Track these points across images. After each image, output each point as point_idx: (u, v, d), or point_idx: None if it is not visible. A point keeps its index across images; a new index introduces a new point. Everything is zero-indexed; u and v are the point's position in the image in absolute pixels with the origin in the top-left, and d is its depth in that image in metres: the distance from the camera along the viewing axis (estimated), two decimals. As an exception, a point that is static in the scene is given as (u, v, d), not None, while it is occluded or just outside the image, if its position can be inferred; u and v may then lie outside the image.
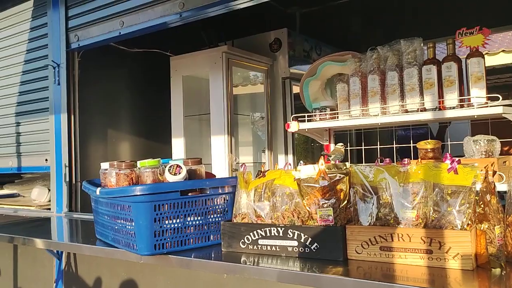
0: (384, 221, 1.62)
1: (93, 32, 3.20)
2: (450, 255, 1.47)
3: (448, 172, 1.52)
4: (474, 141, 2.09)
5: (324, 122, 2.49)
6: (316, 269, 1.57)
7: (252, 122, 4.53)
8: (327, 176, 1.69)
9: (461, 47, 2.11)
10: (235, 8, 2.50)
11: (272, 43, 4.29)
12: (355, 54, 2.42)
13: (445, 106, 2.07)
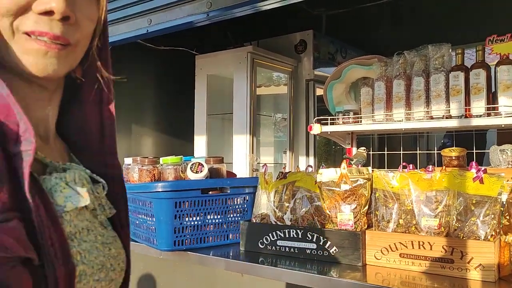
0: (405, 228, 1.61)
1: (121, 29, 3.25)
2: (472, 265, 1.44)
3: (474, 181, 1.50)
4: (501, 151, 2.05)
5: (347, 126, 2.47)
6: (334, 273, 1.56)
7: (274, 123, 4.53)
8: (349, 180, 1.69)
9: (491, 54, 2.07)
10: (262, 9, 2.51)
11: (297, 45, 4.28)
12: (381, 58, 2.40)
13: (472, 114, 2.04)
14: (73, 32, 0.64)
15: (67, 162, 0.71)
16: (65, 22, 0.62)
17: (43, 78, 0.64)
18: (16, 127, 0.57)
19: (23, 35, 0.61)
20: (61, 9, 0.60)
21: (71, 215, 0.64)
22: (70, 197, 0.64)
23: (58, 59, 0.63)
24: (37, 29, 0.60)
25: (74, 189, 0.65)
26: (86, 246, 0.65)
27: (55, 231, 0.57)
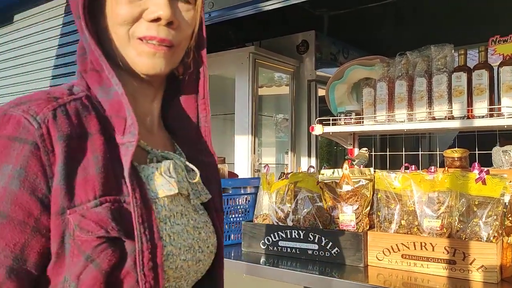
0: (407, 229, 1.60)
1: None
2: (474, 267, 1.44)
3: (476, 182, 1.49)
4: (504, 152, 2.04)
5: (349, 127, 2.47)
6: (336, 273, 1.56)
7: (276, 123, 4.52)
8: (351, 181, 1.68)
9: (494, 54, 2.06)
10: (264, 10, 2.51)
11: (299, 45, 4.28)
12: (383, 58, 2.40)
13: (474, 115, 2.03)
14: (176, 35, 0.74)
15: (169, 151, 0.79)
16: (170, 27, 0.73)
17: (152, 76, 0.75)
18: (123, 122, 0.69)
19: (137, 40, 0.72)
20: (166, 16, 0.71)
21: (165, 201, 0.73)
22: (162, 185, 0.72)
23: (165, 59, 0.73)
24: (147, 34, 0.71)
25: (166, 178, 0.73)
26: (178, 229, 0.74)
27: (146, 212, 0.66)
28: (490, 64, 2.04)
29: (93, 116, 0.69)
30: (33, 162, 0.62)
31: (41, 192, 0.62)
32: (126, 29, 0.71)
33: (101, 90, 0.72)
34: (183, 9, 0.75)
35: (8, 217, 0.61)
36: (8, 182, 0.61)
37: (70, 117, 0.66)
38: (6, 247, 0.60)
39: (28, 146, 0.62)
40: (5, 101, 3.29)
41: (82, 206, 0.63)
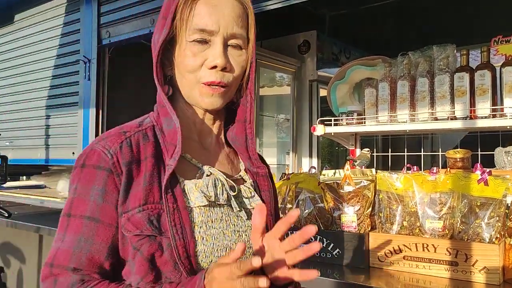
0: (409, 230, 1.59)
1: (124, 29, 3.25)
2: (477, 268, 1.43)
3: (478, 183, 1.48)
4: (506, 152, 2.03)
5: (350, 127, 2.46)
6: (337, 275, 1.55)
7: (277, 123, 4.52)
8: (353, 182, 1.67)
9: (496, 55, 2.05)
10: (266, 9, 2.50)
11: (300, 45, 4.27)
12: (385, 58, 2.38)
13: (477, 115, 2.02)
14: (229, 77, 0.94)
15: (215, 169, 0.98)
16: (224, 71, 0.93)
17: (210, 110, 0.98)
18: (173, 148, 0.91)
19: (200, 84, 0.93)
20: (221, 64, 0.91)
21: (201, 209, 0.91)
22: (197, 198, 0.91)
23: (220, 97, 0.94)
24: (208, 80, 0.92)
25: (201, 192, 0.92)
26: (213, 232, 0.92)
27: (179, 217, 0.88)
28: (492, 64, 2.03)
29: (151, 143, 0.93)
30: (109, 183, 0.88)
31: (116, 203, 0.89)
32: (194, 75, 0.93)
33: (166, 121, 0.95)
34: (236, 54, 0.95)
35: (101, 221, 0.88)
36: (97, 198, 0.88)
37: (131, 147, 0.91)
38: (102, 242, 0.88)
39: (106, 172, 0.89)
40: (5, 101, 3.29)
41: (131, 211, 0.88)
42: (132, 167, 0.90)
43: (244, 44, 0.97)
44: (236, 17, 0.95)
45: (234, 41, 0.95)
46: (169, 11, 0.93)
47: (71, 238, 0.88)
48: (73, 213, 0.89)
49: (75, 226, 0.88)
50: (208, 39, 0.92)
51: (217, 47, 0.92)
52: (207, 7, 0.91)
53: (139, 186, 0.89)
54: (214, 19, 0.91)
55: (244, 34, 0.97)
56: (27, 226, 2.74)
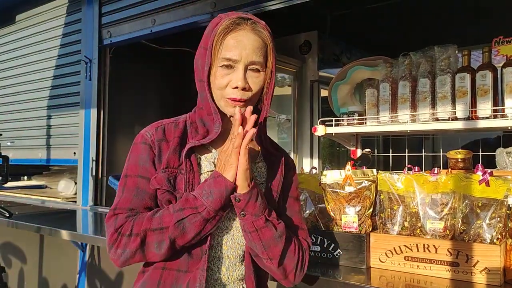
0: (410, 230, 1.59)
1: (125, 29, 3.25)
2: (478, 269, 1.43)
3: (479, 184, 1.48)
4: (507, 153, 2.03)
5: (351, 127, 2.46)
6: (338, 275, 1.55)
7: (278, 124, 4.52)
8: (354, 182, 1.67)
9: (497, 55, 2.05)
10: (267, 9, 2.50)
11: (301, 45, 4.27)
12: (386, 59, 2.38)
13: (478, 116, 2.02)
14: (248, 94, 1.21)
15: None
16: (244, 90, 1.20)
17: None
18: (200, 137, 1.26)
19: (224, 98, 1.22)
20: (242, 86, 1.19)
21: (208, 174, 1.23)
22: (207, 166, 1.25)
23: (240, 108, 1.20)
24: (231, 96, 1.20)
25: (210, 161, 1.26)
26: None
27: (193, 178, 1.22)
28: (493, 65, 2.03)
29: (179, 129, 1.28)
30: (150, 153, 1.25)
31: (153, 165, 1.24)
32: (221, 92, 1.22)
33: (200, 121, 1.28)
34: (254, 76, 1.21)
35: (147, 178, 1.23)
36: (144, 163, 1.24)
37: (164, 131, 1.28)
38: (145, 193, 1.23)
39: (147, 146, 1.25)
40: (6, 101, 3.29)
41: (158, 172, 1.22)
42: (162, 143, 1.25)
43: (262, 68, 1.23)
44: (256, 49, 1.21)
45: (253, 66, 1.21)
46: (207, 43, 1.22)
47: (130, 190, 1.24)
48: (129, 173, 1.25)
49: (131, 182, 1.24)
50: (233, 65, 1.20)
51: (239, 73, 1.20)
52: (233, 41, 1.20)
53: (166, 155, 1.23)
54: (238, 51, 1.19)
55: (262, 61, 1.22)
56: (28, 226, 2.74)
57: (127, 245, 1.16)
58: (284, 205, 1.33)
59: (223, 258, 1.25)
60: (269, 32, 1.25)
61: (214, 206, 1.15)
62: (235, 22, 1.21)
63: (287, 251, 1.23)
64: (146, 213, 1.20)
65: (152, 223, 1.17)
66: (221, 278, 1.24)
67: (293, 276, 1.27)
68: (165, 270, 1.21)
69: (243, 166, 1.17)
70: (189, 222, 1.15)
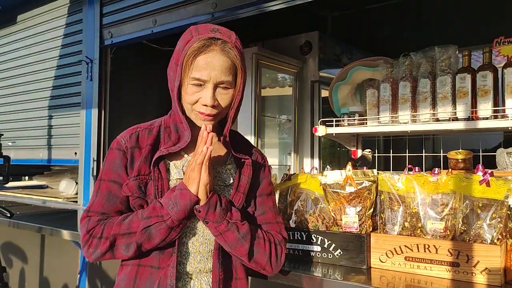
0: (411, 231, 1.59)
1: (126, 30, 3.25)
2: (478, 269, 1.43)
3: (480, 184, 1.48)
4: (508, 153, 2.03)
5: (352, 128, 2.46)
6: (339, 275, 1.55)
7: (279, 124, 4.52)
8: (354, 183, 1.67)
9: (498, 56, 2.05)
10: (267, 10, 2.50)
11: (302, 46, 4.27)
12: (387, 59, 2.39)
13: (478, 116, 2.02)
14: (216, 110, 1.30)
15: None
16: (213, 107, 1.28)
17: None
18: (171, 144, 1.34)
19: (195, 111, 1.30)
20: (210, 104, 1.27)
21: (178, 181, 1.31)
22: (176, 173, 1.34)
23: (210, 122, 1.30)
24: (200, 111, 1.29)
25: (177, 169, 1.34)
26: None
27: (162, 185, 1.30)
28: (494, 65, 2.03)
29: (152, 136, 1.36)
30: (122, 159, 1.33)
31: (125, 171, 1.33)
32: (191, 106, 1.30)
33: (175, 127, 1.37)
34: (223, 93, 1.30)
35: (115, 181, 1.33)
36: (117, 168, 1.33)
37: (138, 137, 1.36)
38: (117, 197, 1.32)
39: (121, 152, 1.34)
40: (7, 101, 3.29)
41: (129, 179, 1.31)
42: (134, 150, 1.34)
43: (231, 86, 1.31)
44: (224, 70, 1.28)
45: (222, 85, 1.29)
46: (179, 59, 1.29)
47: (102, 194, 1.33)
48: (103, 177, 1.34)
49: (104, 186, 1.33)
50: (202, 84, 1.28)
51: (209, 91, 1.28)
52: (203, 62, 1.26)
53: (137, 163, 1.32)
54: (207, 72, 1.26)
55: (231, 80, 1.30)
56: (29, 226, 2.75)
57: (97, 246, 1.27)
58: (257, 203, 1.43)
59: (195, 253, 1.34)
60: (238, 50, 1.32)
61: (178, 216, 1.25)
62: (205, 44, 1.27)
63: (256, 247, 1.33)
64: (117, 218, 1.30)
65: (121, 228, 1.27)
66: (192, 271, 1.34)
67: (270, 268, 1.37)
68: (140, 267, 1.32)
69: (204, 180, 1.25)
70: (155, 229, 1.25)
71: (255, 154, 1.48)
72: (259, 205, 1.44)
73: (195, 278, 1.34)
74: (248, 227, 1.32)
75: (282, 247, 1.40)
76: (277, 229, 1.43)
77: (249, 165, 1.39)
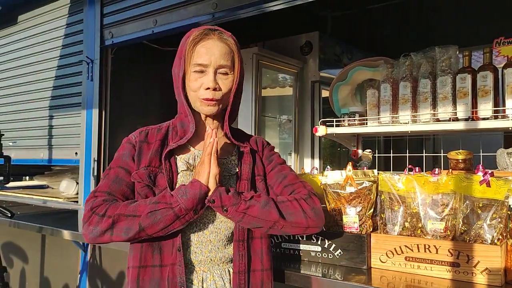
0: (411, 231, 1.60)
1: (127, 30, 3.26)
2: (478, 269, 1.43)
3: (480, 185, 1.48)
4: (508, 154, 2.03)
5: (352, 128, 2.46)
6: (339, 275, 1.55)
7: (279, 124, 4.52)
8: (354, 183, 1.68)
9: (498, 56, 2.05)
10: (268, 10, 2.50)
11: (303, 46, 4.27)
12: (387, 59, 2.38)
13: (479, 117, 2.02)
14: (219, 94, 1.39)
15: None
16: (215, 90, 1.38)
17: (209, 115, 1.45)
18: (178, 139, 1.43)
19: (199, 99, 1.40)
20: (213, 86, 1.37)
21: (183, 174, 1.40)
22: (181, 165, 1.41)
23: (214, 107, 1.40)
24: (204, 96, 1.38)
25: (184, 161, 1.42)
26: None
27: (171, 176, 1.38)
28: (494, 65, 2.03)
29: (161, 133, 1.46)
30: (131, 150, 1.43)
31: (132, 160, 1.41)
32: (195, 93, 1.40)
33: (180, 123, 1.46)
34: (223, 78, 1.40)
35: (127, 170, 1.40)
36: (125, 158, 1.42)
37: (147, 135, 1.46)
38: (123, 181, 1.39)
39: (131, 145, 1.44)
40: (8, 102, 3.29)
41: (140, 169, 1.38)
42: (143, 144, 1.43)
43: (230, 71, 1.41)
44: (223, 54, 1.39)
45: (222, 70, 1.39)
46: (181, 53, 1.40)
47: (110, 178, 1.39)
48: (112, 166, 1.42)
49: (113, 172, 1.40)
50: (204, 69, 1.38)
51: (210, 75, 1.38)
52: (203, 49, 1.38)
53: (147, 155, 1.40)
54: (207, 57, 1.37)
55: (229, 65, 1.40)
56: (29, 226, 2.75)
57: (98, 223, 1.30)
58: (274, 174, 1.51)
59: (206, 242, 1.37)
60: (234, 40, 1.45)
61: (186, 204, 1.28)
62: (204, 33, 1.40)
63: (286, 210, 1.36)
64: (123, 202, 1.34)
65: (127, 209, 1.31)
66: (204, 260, 1.37)
67: (313, 222, 1.38)
68: (141, 268, 1.34)
69: (213, 171, 1.33)
70: (161, 215, 1.28)
71: (253, 141, 1.56)
72: (277, 174, 1.50)
73: (207, 271, 1.37)
74: (266, 196, 1.39)
75: (312, 198, 1.42)
76: (301, 186, 1.47)
77: (248, 153, 1.47)
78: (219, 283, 1.36)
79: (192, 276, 1.35)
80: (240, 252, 1.37)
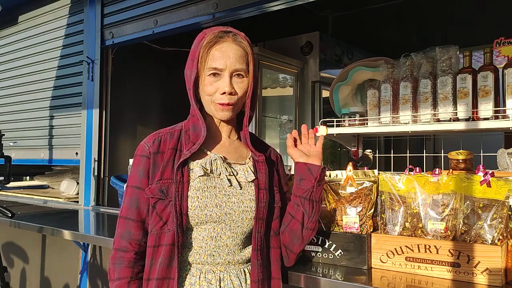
0: (411, 231, 1.59)
1: (128, 30, 3.26)
2: (479, 270, 1.43)
3: (481, 185, 1.48)
4: (509, 154, 2.03)
5: (353, 128, 2.46)
6: (339, 276, 1.55)
7: (280, 124, 4.52)
8: (355, 183, 1.67)
9: (499, 56, 2.05)
10: (268, 10, 2.51)
11: (303, 46, 4.28)
12: (388, 60, 2.39)
13: (479, 117, 2.02)
14: (234, 98, 1.38)
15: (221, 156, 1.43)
16: (231, 95, 1.37)
17: (223, 120, 1.44)
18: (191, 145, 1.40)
19: (214, 103, 1.39)
20: (229, 90, 1.36)
21: (201, 179, 1.38)
22: (198, 170, 1.38)
23: (228, 112, 1.39)
24: (220, 101, 1.37)
25: (201, 166, 1.38)
26: (207, 194, 1.37)
27: (182, 188, 1.35)
28: (495, 65, 2.03)
29: (174, 140, 1.42)
30: (146, 165, 1.40)
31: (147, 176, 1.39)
32: (210, 98, 1.39)
33: (193, 127, 1.43)
34: (238, 81, 1.38)
35: (139, 188, 1.39)
36: (140, 174, 1.40)
37: (160, 142, 1.42)
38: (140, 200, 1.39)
39: (145, 158, 1.41)
40: (9, 102, 3.30)
41: (152, 183, 1.38)
42: (156, 156, 1.40)
43: (245, 74, 1.39)
44: (238, 58, 1.37)
45: (237, 73, 1.38)
46: (195, 55, 1.39)
47: (127, 199, 1.42)
48: (129, 184, 1.42)
49: (129, 192, 1.42)
50: (219, 73, 1.36)
51: (226, 79, 1.36)
52: (218, 52, 1.36)
53: (160, 167, 1.39)
54: (223, 61, 1.36)
55: (244, 68, 1.39)
56: (30, 226, 2.75)
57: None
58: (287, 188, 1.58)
59: (223, 246, 1.39)
60: (248, 42, 1.42)
61: None
62: (218, 35, 1.38)
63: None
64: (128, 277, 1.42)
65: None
66: (222, 262, 1.40)
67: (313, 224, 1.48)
68: (150, 281, 1.38)
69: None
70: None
71: (269, 151, 1.59)
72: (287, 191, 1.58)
73: (224, 270, 1.39)
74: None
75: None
76: None
77: (263, 162, 1.46)
78: (235, 282, 1.39)
79: (210, 276, 1.38)
80: (259, 261, 1.40)
